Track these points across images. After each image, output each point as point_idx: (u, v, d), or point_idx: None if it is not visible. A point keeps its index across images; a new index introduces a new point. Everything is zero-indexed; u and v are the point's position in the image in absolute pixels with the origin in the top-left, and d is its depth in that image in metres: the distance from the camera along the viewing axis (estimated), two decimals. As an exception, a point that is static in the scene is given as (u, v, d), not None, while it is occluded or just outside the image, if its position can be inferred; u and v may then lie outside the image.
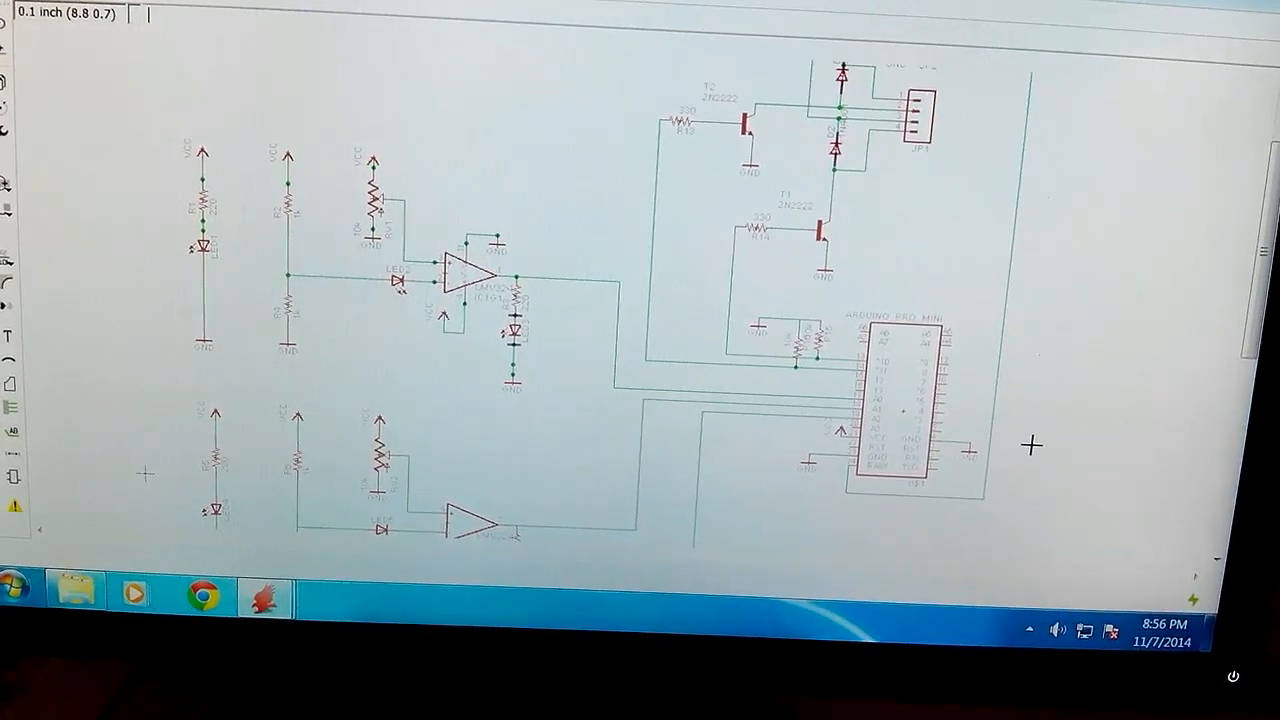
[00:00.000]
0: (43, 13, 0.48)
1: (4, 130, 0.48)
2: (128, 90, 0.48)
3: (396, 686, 0.59)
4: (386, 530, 0.52)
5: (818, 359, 0.51)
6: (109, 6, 0.48)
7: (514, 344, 0.51)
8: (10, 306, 0.50)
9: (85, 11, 0.48)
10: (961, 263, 0.50)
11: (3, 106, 0.48)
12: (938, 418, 0.51)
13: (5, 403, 0.51)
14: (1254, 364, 0.52)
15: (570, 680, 0.56)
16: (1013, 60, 0.48)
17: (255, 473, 0.52)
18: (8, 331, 0.50)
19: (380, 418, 0.51)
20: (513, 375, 0.51)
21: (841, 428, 0.52)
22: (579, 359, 0.51)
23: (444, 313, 0.50)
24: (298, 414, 0.51)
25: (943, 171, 0.49)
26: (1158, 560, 0.54)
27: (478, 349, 0.51)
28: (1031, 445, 0.52)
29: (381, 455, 0.51)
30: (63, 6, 0.48)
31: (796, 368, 0.51)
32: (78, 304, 0.50)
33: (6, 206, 0.49)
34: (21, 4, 0.48)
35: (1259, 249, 0.50)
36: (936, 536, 0.53)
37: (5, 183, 0.49)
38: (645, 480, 0.52)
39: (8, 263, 0.50)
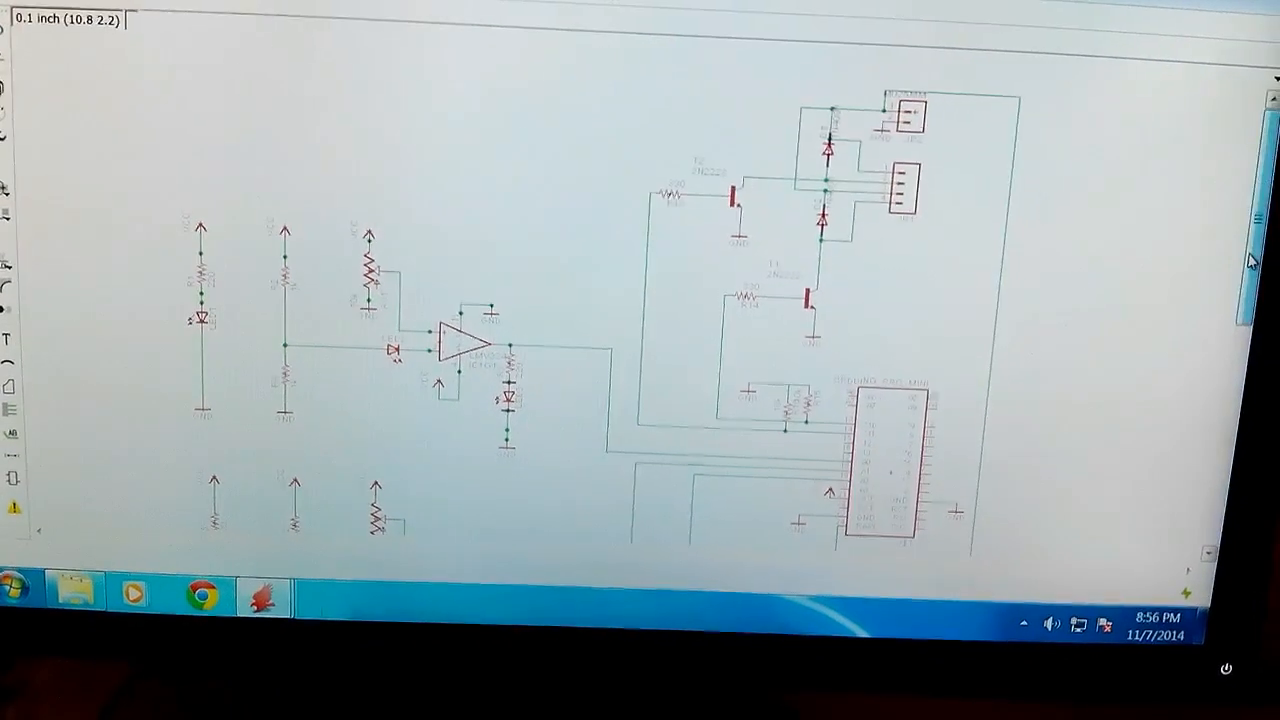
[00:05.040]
0: (41, 19, 0.55)
1: (2, 136, 0.56)
2: (126, 166, 0.56)
3: (395, 684, 0.66)
4: (383, 530, 0.61)
5: (807, 423, 0.59)
6: (110, 12, 0.55)
7: (508, 410, 0.59)
8: (9, 310, 0.57)
9: (84, 18, 0.55)
10: (947, 329, 0.58)
11: (1, 111, 0.55)
12: (925, 479, 0.60)
13: (5, 405, 0.58)
14: (1245, 361, 0.59)
15: (569, 677, 0.63)
16: (996, 120, 0.56)
17: (254, 534, 0.60)
18: (6, 334, 0.58)
19: (377, 483, 0.60)
20: (507, 440, 0.59)
21: (830, 489, 0.60)
22: (572, 424, 0.59)
23: (439, 381, 0.59)
24: (295, 479, 0.60)
25: (927, 241, 0.57)
26: (1151, 555, 0.62)
27: (472, 416, 0.59)
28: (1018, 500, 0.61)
29: (378, 519, 0.60)
30: (60, 12, 0.55)
31: (786, 431, 0.59)
32: (79, 377, 0.58)
33: (5, 211, 0.56)
34: (19, 9, 0.55)
35: (1246, 260, 0.59)
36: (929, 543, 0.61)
37: (4, 187, 0.56)
38: (638, 541, 0.60)
39: (6, 266, 0.57)
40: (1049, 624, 0.62)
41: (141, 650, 0.63)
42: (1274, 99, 0.57)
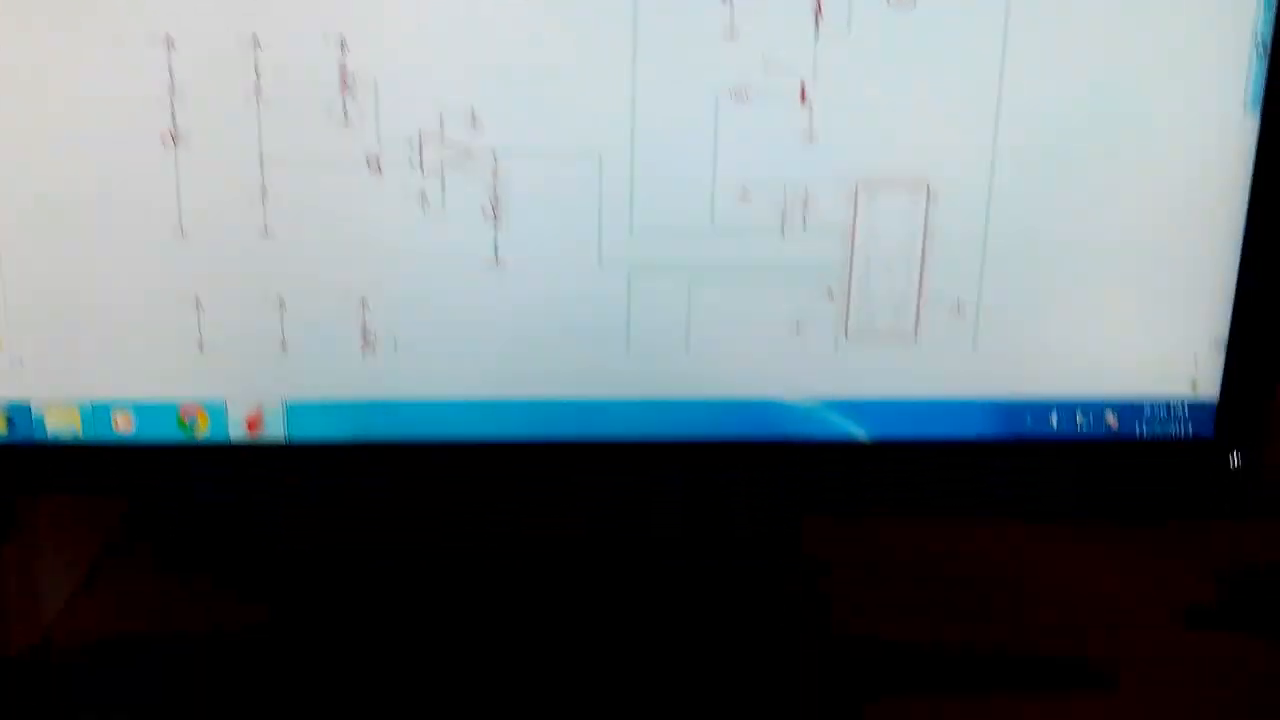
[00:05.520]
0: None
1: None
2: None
3: (392, 505, 0.67)
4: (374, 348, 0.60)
5: (805, 224, 0.58)
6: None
7: (495, 222, 0.58)
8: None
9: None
10: (948, 122, 0.57)
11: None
12: (926, 277, 0.59)
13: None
14: (1253, 147, 0.58)
15: (569, 492, 0.64)
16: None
17: (242, 356, 0.59)
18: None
19: (364, 300, 0.59)
20: (495, 254, 0.58)
21: (830, 291, 0.60)
22: (562, 234, 0.58)
23: (423, 193, 0.57)
24: (281, 300, 0.59)
25: (928, 30, 0.55)
26: (1157, 346, 0.62)
27: (459, 229, 0.57)
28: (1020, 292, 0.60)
29: (368, 337, 0.59)
30: None
31: (783, 234, 0.58)
32: (52, 203, 0.56)
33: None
34: None
35: (1254, 44, 0.57)
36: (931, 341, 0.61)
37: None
38: (634, 351, 0.60)
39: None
40: (1053, 419, 0.62)
41: (136, 481, 0.63)
42: None
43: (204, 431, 0.60)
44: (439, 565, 0.69)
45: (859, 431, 0.62)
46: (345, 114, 0.56)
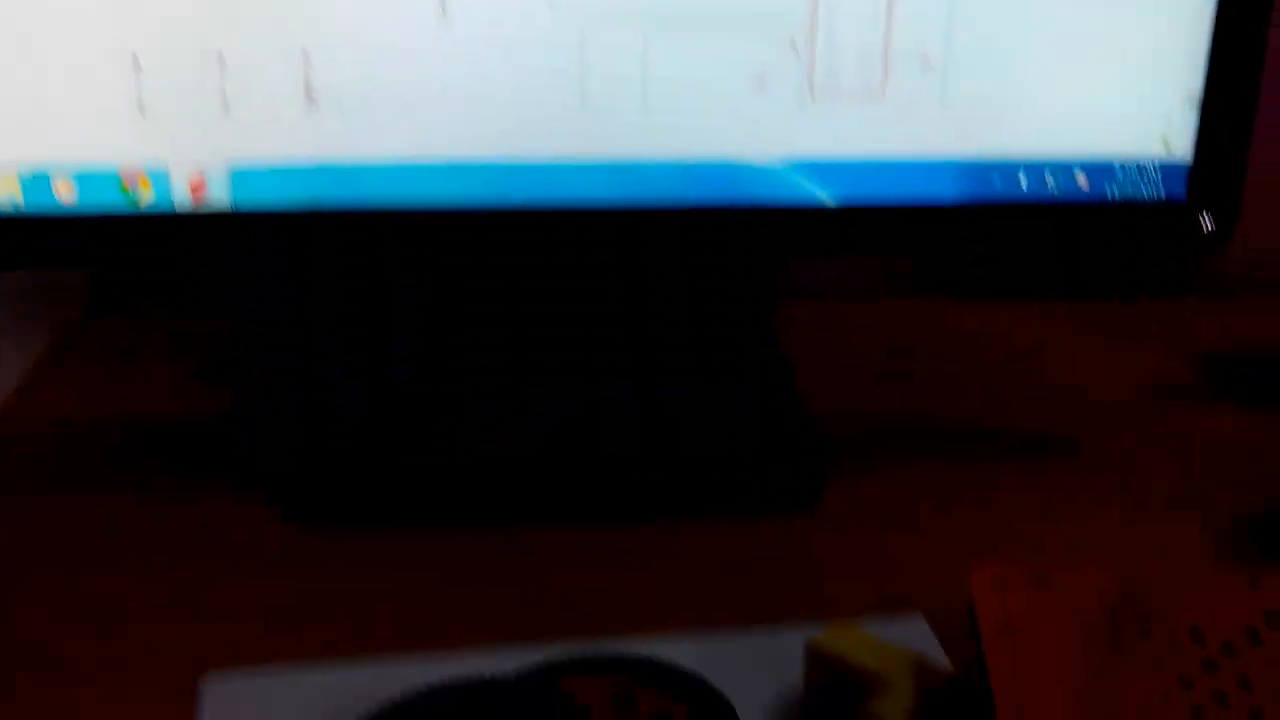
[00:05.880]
0: None
1: None
2: None
3: (343, 276, 0.65)
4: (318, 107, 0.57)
5: (767, -32, 0.56)
6: None
7: (442, -31, 0.55)
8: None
9: None
10: None
11: None
12: (894, 28, 0.57)
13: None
14: None
15: (523, 263, 0.62)
16: None
17: (183, 118, 0.57)
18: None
19: (306, 55, 0.57)
20: (442, 2, 0.56)
21: (794, 42, 0.57)
22: (511, -19, 0.56)
23: (362, -63, 0.55)
24: (220, 56, 0.56)
25: None
26: (1129, 102, 0.60)
27: (403, -24, 0.55)
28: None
29: (311, 94, 0.57)
30: None
31: (745, -21, 0.56)
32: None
33: None
34: None
35: None
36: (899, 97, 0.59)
37: None
38: (589, 108, 0.58)
39: None
40: (1022, 180, 0.60)
41: (82, 255, 0.61)
42: None
43: (147, 198, 0.58)
44: (392, 333, 0.68)
45: (824, 194, 0.60)
46: None
